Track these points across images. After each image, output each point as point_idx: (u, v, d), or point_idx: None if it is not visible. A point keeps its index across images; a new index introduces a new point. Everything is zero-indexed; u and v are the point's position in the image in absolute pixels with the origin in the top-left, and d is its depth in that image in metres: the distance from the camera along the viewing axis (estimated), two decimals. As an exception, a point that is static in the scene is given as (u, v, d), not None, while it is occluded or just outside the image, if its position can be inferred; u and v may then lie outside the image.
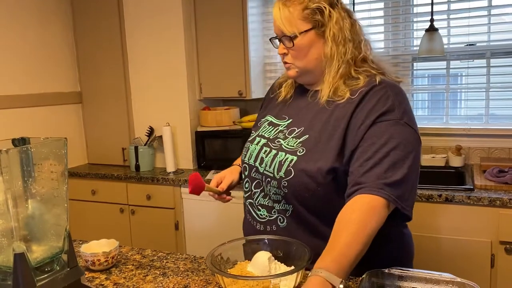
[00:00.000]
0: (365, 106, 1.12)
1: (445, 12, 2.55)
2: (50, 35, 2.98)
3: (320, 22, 1.17)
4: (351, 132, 1.12)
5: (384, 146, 1.06)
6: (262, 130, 1.30)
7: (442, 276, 0.96)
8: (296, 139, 1.19)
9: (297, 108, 1.27)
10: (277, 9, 1.18)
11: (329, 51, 1.17)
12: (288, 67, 1.24)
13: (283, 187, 1.16)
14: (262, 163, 1.22)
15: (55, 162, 0.99)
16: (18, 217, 0.93)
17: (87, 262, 1.24)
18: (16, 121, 2.76)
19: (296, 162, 1.14)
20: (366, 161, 1.06)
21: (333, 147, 1.12)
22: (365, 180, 1.04)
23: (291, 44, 1.18)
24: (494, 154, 2.46)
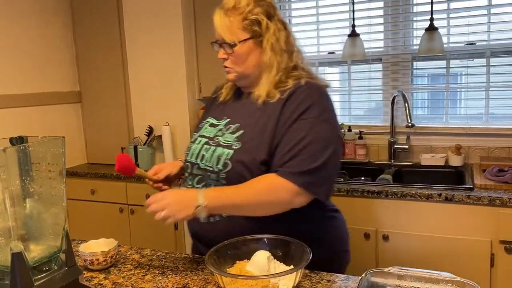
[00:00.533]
0: (291, 104, 1.25)
1: (445, 11, 2.55)
2: (49, 34, 2.98)
3: (258, 33, 1.28)
4: (278, 129, 1.25)
5: (301, 141, 1.20)
6: (203, 131, 1.40)
7: (441, 276, 0.95)
8: (232, 134, 1.30)
9: (234, 108, 1.39)
10: (218, 18, 1.29)
11: (268, 60, 1.29)
12: (228, 71, 1.34)
13: (221, 179, 1.27)
14: (203, 159, 1.32)
15: (53, 161, 0.98)
16: (16, 216, 0.92)
17: (85, 261, 1.24)
18: (15, 120, 2.76)
19: (233, 155, 1.25)
20: (284, 155, 1.21)
21: (265, 141, 1.25)
22: (283, 169, 1.20)
23: (231, 51, 1.29)
24: (494, 153, 2.45)
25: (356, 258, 2.15)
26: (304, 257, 1.03)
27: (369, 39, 2.72)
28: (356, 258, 2.15)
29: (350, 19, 2.63)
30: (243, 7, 1.27)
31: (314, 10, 2.87)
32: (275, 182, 1.20)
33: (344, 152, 2.71)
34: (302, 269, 1.01)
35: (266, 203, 1.21)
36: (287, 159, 1.20)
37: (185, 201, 1.18)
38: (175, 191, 1.24)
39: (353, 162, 2.66)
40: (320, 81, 1.33)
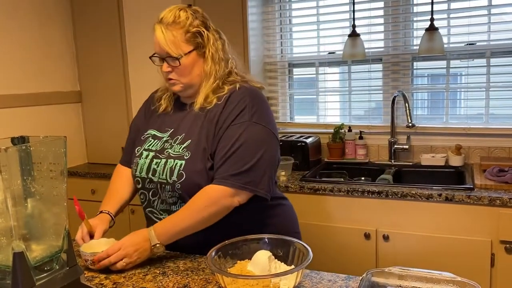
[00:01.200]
0: (226, 110, 1.33)
1: (445, 12, 2.55)
2: (49, 34, 2.98)
3: (200, 44, 1.36)
4: (216, 135, 1.32)
5: (233, 146, 1.28)
6: (148, 145, 1.43)
7: (442, 276, 0.96)
8: (180, 145, 1.35)
9: (177, 119, 1.42)
10: (160, 32, 1.33)
11: (208, 69, 1.36)
12: (173, 83, 1.38)
13: (177, 189, 1.32)
14: (155, 173, 1.36)
15: (54, 160, 0.99)
16: (17, 216, 0.92)
17: (86, 261, 1.24)
18: (15, 120, 2.76)
19: (185, 165, 1.31)
20: (218, 161, 1.30)
21: (208, 147, 1.32)
22: (217, 175, 1.29)
23: (177, 64, 1.34)
24: (494, 153, 2.46)
25: (356, 258, 2.16)
26: (305, 257, 1.03)
27: (369, 39, 2.72)
28: (357, 258, 2.16)
29: (350, 19, 2.63)
30: (183, 21, 1.34)
31: (315, 10, 2.87)
32: (212, 193, 1.28)
33: (344, 152, 2.72)
34: (303, 269, 1.01)
35: (212, 214, 1.28)
36: (219, 165, 1.29)
37: (141, 245, 1.25)
38: (128, 239, 1.27)
39: (353, 162, 2.66)
40: (255, 83, 1.42)
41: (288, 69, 3.00)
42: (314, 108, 3.00)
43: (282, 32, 2.99)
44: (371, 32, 2.75)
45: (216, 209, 1.28)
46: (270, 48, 3.01)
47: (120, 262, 1.21)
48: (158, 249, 1.26)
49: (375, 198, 2.10)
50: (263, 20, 2.95)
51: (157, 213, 1.42)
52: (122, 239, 1.26)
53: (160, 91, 1.53)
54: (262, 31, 2.96)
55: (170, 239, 1.28)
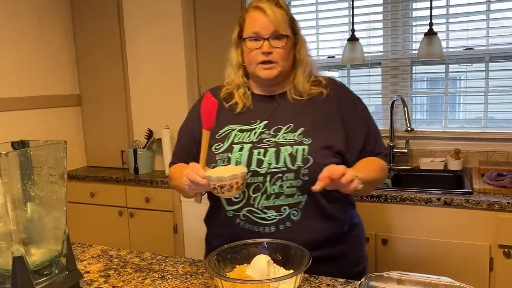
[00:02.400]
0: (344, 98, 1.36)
1: (444, 16, 2.56)
2: (49, 38, 2.99)
3: (295, 31, 1.33)
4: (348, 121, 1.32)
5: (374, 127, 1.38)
6: (236, 138, 1.30)
7: (440, 280, 0.96)
8: (291, 133, 1.28)
9: (266, 111, 1.34)
10: (271, 10, 1.27)
11: (302, 58, 1.34)
12: (271, 67, 1.29)
13: (302, 176, 1.22)
14: (261, 163, 1.24)
15: (54, 165, 0.99)
16: (17, 220, 0.92)
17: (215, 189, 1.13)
18: (15, 123, 2.76)
19: (310, 150, 1.23)
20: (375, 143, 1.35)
21: (337, 132, 1.29)
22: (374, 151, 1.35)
23: (283, 43, 1.28)
24: (493, 157, 2.46)
25: (355, 262, 2.16)
26: (304, 261, 1.03)
27: (368, 43, 2.73)
28: (355, 262, 2.16)
29: (349, 24, 2.64)
30: (284, 6, 1.31)
31: (314, 14, 2.88)
32: (382, 163, 1.34)
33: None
34: (301, 273, 1.01)
35: (381, 180, 1.35)
36: (378, 146, 1.36)
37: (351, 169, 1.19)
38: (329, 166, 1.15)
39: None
40: None
41: (288, 73, 3.00)
42: (313, 112, 3.00)
43: (282, 36, 3.00)
44: (370, 36, 2.76)
45: (384, 176, 1.35)
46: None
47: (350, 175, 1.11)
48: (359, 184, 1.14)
49: (374, 202, 2.11)
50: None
51: (258, 212, 1.25)
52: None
53: (226, 90, 1.40)
54: (262, 35, 2.96)
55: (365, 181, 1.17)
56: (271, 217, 1.24)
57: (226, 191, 1.13)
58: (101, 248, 1.45)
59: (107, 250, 1.43)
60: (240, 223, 1.27)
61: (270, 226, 1.24)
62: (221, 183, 1.12)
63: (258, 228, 1.25)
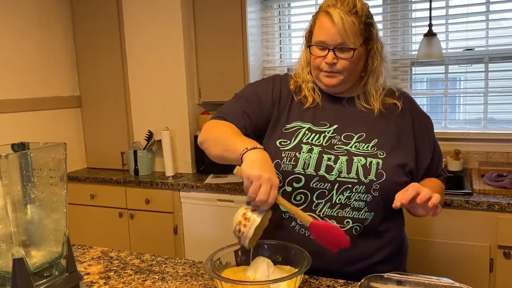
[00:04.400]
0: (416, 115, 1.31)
1: (444, 17, 2.56)
2: (49, 39, 2.99)
3: (369, 37, 1.21)
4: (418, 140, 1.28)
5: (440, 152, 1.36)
6: (305, 138, 1.23)
7: (440, 281, 0.96)
8: (364, 143, 1.21)
9: (336, 114, 1.26)
10: (340, 18, 1.15)
11: (376, 67, 1.24)
12: (334, 75, 1.22)
13: (373, 191, 1.16)
14: (331, 170, 1.18)
15: (54, 167, 0.99)
16: (17, 222, 0.92)
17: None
18: (15, 125, 2.76)
19: (384, 164, 1.18)
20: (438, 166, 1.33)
21: (409, 149, 1.24)
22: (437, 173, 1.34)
23: (349, 55, 1.18)
24: (493, 158, 2.46)
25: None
26: (304, 262, 1.03)
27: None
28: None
29: (349, 25, 2.64)
30: (360, 11, 1.18)
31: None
32: (443, 186, 1.35)
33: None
34: (301, 275, 1.01)
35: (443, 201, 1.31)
36: (441, 167, 1.35)
37: None
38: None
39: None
40: None
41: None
42: (313, 113, 3.00)
43: (281, 37, 3.01)
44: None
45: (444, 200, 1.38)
46: (269, 53, 3.02)
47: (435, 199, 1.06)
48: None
49: (374, 203, 2.10)
50: (262, 26, 2.97)
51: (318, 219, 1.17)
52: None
53: (294, 82, 1.32)
54: (261, 36, 2.97)
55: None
56: None
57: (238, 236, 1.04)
58: (101, 250, 1.45)
59: (107, 251, 1.43)
60: (295, 227, 1.21)
61: None
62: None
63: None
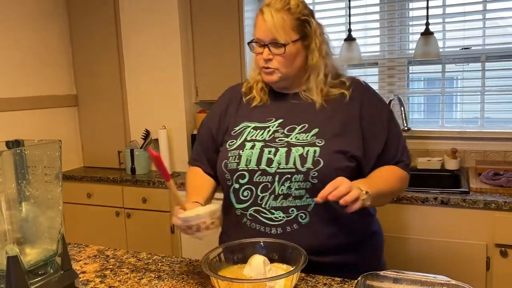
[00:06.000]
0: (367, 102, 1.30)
1: (441, 16, 2.56)
2: (46, 38, 2.98)
3: (306, 34, 1.26)
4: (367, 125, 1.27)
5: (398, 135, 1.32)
6: (249, 135, 1.29)
7: (437, 279, 0.96)
8: (304, 133, 1.25)
9: (282, 109, 1.32)
10: (270, 16, 1.22)
11: (315, 62, 1.28)
12: (271, 72, 1.28)
13: (311, 178, 1.19)
14: (271, 163, 1.22)
15: (49, 164, 0.98)
16: (12, 220, 0.92)
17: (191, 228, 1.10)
18: (11, 124, 2.75)
19: (321, 152, 1.20)
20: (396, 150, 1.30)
21: (354, 136, 1.25)
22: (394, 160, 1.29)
23: (281, 51, 1.24)
24: (490, 157, 2.46)
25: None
26: (300, 260, 1.03)
27: (365, 43, 2.73)
28: (353, 262, 2.16)
29: (346, 23, 2.64)
30: (294, 8, 1.24)
31: (311, 14, 2.88)
32: (401, 173, 1.29)
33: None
34: (298, 273, 1.01)
35: (397, 191, 1.31)
36: (400, 153, 1.30)
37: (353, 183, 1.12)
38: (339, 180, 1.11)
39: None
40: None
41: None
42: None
43: (279, 36, 3.00)
44: (367, 36, 2.77)
45: (403, 187, 1.31)
46: (267, 52, 3.01)
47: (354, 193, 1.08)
48: (368, 200, 1.11)
49: (371, 201, 2.10)
50: (259, 24, 2.96)
51: (265, 212, 1.23)
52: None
53: (246, 86, 1.40)
54: (259, 35, 2.96)
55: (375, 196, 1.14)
56: (278, 218, 1.22)
57: (195, 231, 1.10)
58: (97, 248, 1.45)
59: (103, 250, 1.43)
60: (246, 223, 1.26)
61: (277, 227, 1.22)
62: (188, 223, 1.09)
63: (264, 229, 1.23)
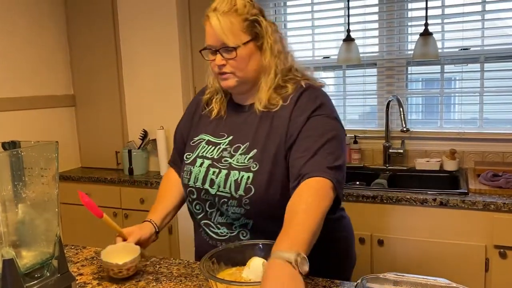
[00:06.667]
0: (299, 108, 1.19)
1: (440, 17, 2.56)
2: (43, 38, 2.96)
3: (258, 34, 1.22)
4: (289, 135, 1.18)
5: (321, 137, 1.13)
6: (202, 151, 1.29)
7: (437, 281, 0.95)
8: (244, 155, 1.21)
9: (235, 124, 1.29)
10: (216, 20, 1.19)
11: (267, 63, 1.22)
12: (227, 77, 1.24)
13: (244, 205, 1.18)
14: (213, 184, 1.22)
15: (45, 166, 0.97)
16: (8, 222, 0.91)
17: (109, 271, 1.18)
18: (8, 124, 2.73)
19: (253, 178, 1.17)
20: (305, 152, 1.12)
21: (281, 154, 1.18)
22: (308, 168, 1.09)
23: (233, 55, 1.19)
24: (488, 158, 2.46)
25: (351, 263, 2.15)
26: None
27: (364, 43, 2.73)
28: (351, 263, 2.15)
29: (345, 24, 2.64)
30: (241, 8, 1.19)
31: (309, 14, 2.88)
32: (318, 185, 1.06)
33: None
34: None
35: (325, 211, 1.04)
36: (310, 156, 1.11)
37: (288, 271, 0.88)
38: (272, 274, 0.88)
39: (348, 167, 2.61)
40: (317, 82, 1.29)
41: (283, 73, 3.00)
42: (309, 112, 2.99)
43: (277, 36, 2.99)
44: (366, 36, 2.76)
45: (328, 203, 1.05)
46: (265, 52, 3.00)
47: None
48: (304, 264, 0.89)
49: (369, 202, 2.10)
50: (258, 24, 2.95)
51: (213, 227, 1.26)
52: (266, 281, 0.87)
53: (208, 93, 1.38)
54: (257, 35, 2.95)
55: (308, 248, 0.95)
56: (223, 233, 1.25)
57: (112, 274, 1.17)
58: (95, 250, 1.44)
59: (100, 252, 1.41)
60: (202, 233, 1.31)
61: (222, 242, 1.24)
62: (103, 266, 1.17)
63: (212, 242, 1.26)
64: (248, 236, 1.22)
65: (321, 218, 1.01)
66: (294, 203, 1.05)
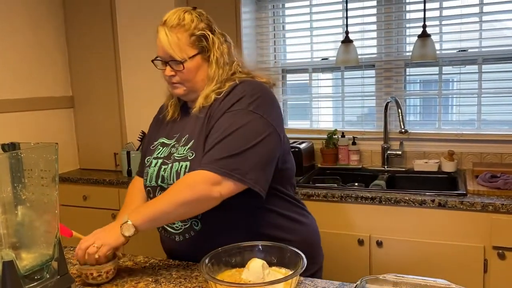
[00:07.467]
0: (223, 103, 1.26)
1: (437, 18, 2.57)
2: (41, 39, 2.96)
3: (205, 48, 1.30)
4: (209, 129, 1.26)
5: (224, 132, 1.20)
6: (157, 153, 1.37)
7: (437, 283, 0.95)
8: (184, 146, 1.30)
9: (183, 124, 1.37)
10: (164, 35, 1.28)
11: (212, 73, 1.31)
12: (176, 86, 1.33)
13: None
14: (164, 180, 1.29)
15: (45, 167, 0.97)
16: (7, 224, 0.91)
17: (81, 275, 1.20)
18: (6, 126, 2.73)
19: (190, 166, 1.24)
20: (207, 147, 1.22)
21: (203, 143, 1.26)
22: (202, 161, 1.20)
23: (181, 68, 1.29)
24: (486, 159, 2.47)
25: (349, 264, 2.15)
26: (299, 264, 1.02)
27: (362, 45, 2.73)
28: (350, 264, 2.15)
29: (343, 25, 2.64)
30: (188, 24, 1.28)
31: (308, 16, 2.88)
32: (189, 177, 1.18)
33: (337, 158, 2.72)
34: (297, 276, 1.00)
35: (188, 201, 1.16)
36: (206, 151, 1.21)
37: (111, 226, 1.20)
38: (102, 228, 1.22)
39: (346, 168, 2.67)
40: (260, 78, 1.35)
41: (282, 74, 3.00)
42: (307, 113, 3.00)
43: (276, 38, 3.00)
44: (364, 38, 2.77)
45: (191, 194, 1.15)
46: (264, 53, 3.01)
47: (91, 247, 1.15)
48: (129, 229, 1.15)
49: (368, 204, 2.10)
50: (256, 26, 2.96)
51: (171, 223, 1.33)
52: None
53: (166, 99, 1.48)
54: (256, 36, 2.96)
55: (145, 221, 1.17)
56: (178, 226, 1.31)
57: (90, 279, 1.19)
58: (94, 252, 1.43)
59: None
60: (162, 232, 1.38)
61: (179, 235, 1.31)
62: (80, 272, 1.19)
63: (170, 236, 1.33)
64: (199, 226, 1.28)
65: (178, 204, 1.16)
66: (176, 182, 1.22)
